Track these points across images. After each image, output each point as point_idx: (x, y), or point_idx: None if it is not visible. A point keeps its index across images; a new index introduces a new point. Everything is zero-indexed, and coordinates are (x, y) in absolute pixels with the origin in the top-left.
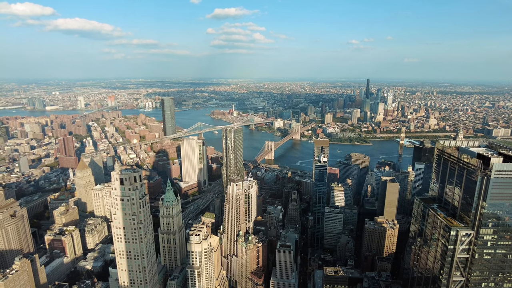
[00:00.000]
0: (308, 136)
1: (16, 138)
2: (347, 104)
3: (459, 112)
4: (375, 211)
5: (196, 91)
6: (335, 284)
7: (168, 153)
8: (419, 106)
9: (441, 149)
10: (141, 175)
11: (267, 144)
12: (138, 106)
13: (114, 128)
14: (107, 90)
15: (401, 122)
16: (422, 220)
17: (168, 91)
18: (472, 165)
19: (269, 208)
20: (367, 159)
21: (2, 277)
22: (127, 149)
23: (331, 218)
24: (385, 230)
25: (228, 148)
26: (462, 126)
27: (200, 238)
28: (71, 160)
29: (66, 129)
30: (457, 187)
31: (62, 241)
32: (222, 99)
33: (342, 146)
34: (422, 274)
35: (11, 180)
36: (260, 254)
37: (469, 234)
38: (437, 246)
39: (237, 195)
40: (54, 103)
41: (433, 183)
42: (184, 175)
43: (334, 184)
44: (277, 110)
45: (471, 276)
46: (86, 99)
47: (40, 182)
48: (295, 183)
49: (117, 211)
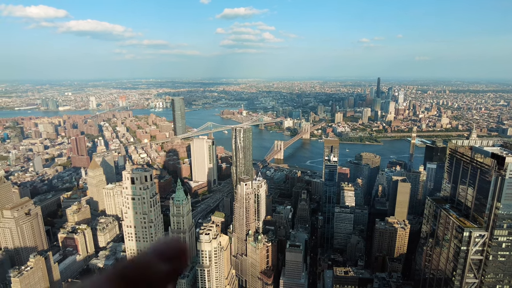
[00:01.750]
0: (318, 136)
1: (30, 138)
2: (357, 103)
3: (472, 110)
4: (386, 211)
5: (206, 91)
6: (345, 284)
7: (178, 152)
8: (430, 105)
9: (453, 149)
10: (151, 174)
11: (277, 144)
12: (148, 106)
13: (125, 128)
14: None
15: (412, 121)
16: (434, 220)
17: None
18: (486, 164)
19: (279, 208)
20: (377, 159)
21: (17, 274)
22: (138, 149)
23: (341, 218)
24: (396, 231)
25: (237, 148)
26: (476, 125)
27: (210, 237)
28: (83, 160)
29: (78, 129)
30: (470, 187)
31: (74, 239)
32: (231, 99)
33: (353, 145)
34: (434, 275)
35: (26, 179)
36: (269, 254)
37: (483, 235)
38: (449, 247)
39: (247, 194)
40: (67, 104)
41: (445, 183)
42: (194, 175)
43: (344, 184)
44: (286, 109)
45: (484, 278)
46: (97, 99)
47: (53, 181)
48: (305, 183)
49: (128, 210)
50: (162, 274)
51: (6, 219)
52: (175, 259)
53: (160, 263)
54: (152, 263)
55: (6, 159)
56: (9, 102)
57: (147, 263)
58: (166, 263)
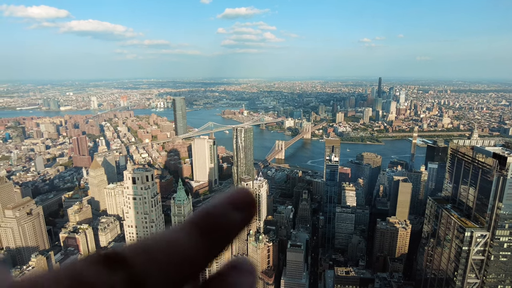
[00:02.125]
0: (319, 136)
1: (32, 138)
2: (358, 103)
3: (474, 110)
4: (387, 211)
5: (207, 91)
6: (346, 284)
7: (179, 152)
8: (432, 104)
9: (455, 149)
10: (152, 174)
11: (278, 144)
12: (150, 106)
13: (126, 128)
14: (120, 90)
15: (413, 121)
16: (435, 220)
17: (180, 91)
18: (488, 164)
19: (280, 208)
20: (379, 159)
21: (19, 273)
22: (139, 149)
23: (342, 218)
24: (397, 231)
25: (238, 148)
26: (477, 125)
27: None
28: (85, 160)
29: (79, 129)
30: (472, 187)
31: (76, 239)
32: (232, 99)
33: (354, 145)
34: (435, 275)
35: (27, 179)
36: (270, 254)
37: (485, 236)
38: (450, 247)
39: None
40: (68, 104)
41: (446, 183)
42: (195, 175)
43: (346, 184)
44: (287, 109)
45: (486, 278)
46: (99, 99)
47: (55, 181)
48: (306, 183)
49: (129, 209)
50: (235, 222)
51: (8, 219)
52: (247, 208)
53: (233, 212)
54: (226, 211)
55: (7, 159)
56: (10, 102)
57: (222, 212)
58: (238, 212)
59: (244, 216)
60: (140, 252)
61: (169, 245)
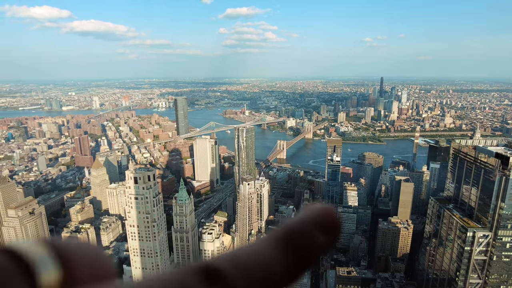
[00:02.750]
0: (321, 135)
1: (34, 138)
2: (360, 103)
3: (476, 110)
4: (389, 211)
5: (208, 91)
6: (348, 284)
7: (181, 152)
8: (434, 104)
9: (457, 148)
10: (154, 174)
11: (279, 143)
12: (151, 106)
13: (128, 128)
14: (121, 90)
15: (415, 120)
16: (437, 220)
17: (181, 91)
18: (490, 164)
19: (281, 208)
20: (381, 159)
21: None
22: (141, 149)
23: (344, 218)
24: (399, 231)
25: (240, 148)
26: (479, 125)
27: (213, 236)
28: (87, 159)
29: (81, 128)
30: (474, 187)
31: (78, 239)
32: (234, 99)
33: (355, 145)
34: (437, 275)
35: (30, 179)
36: None
37: (487, 236)
38: (453, 247)
39: (249, 194)
40: (70, 103)
41: (448, 183)
42: (197, 174)
43: (347, 184)
44: (289, 109)
45: (488, 278)
46: (101, 99)
47: (57, 180)
48: (308, 183)
49: (131, 209)
50: (321, 244)
51: (10, 218)
52: (332, 230)
53: (319, 232)
54: (313, 232)
55: (10, 158)
56: (13, 102)
57: (309, 231)
58: (324, 233)
59: (329, 238)
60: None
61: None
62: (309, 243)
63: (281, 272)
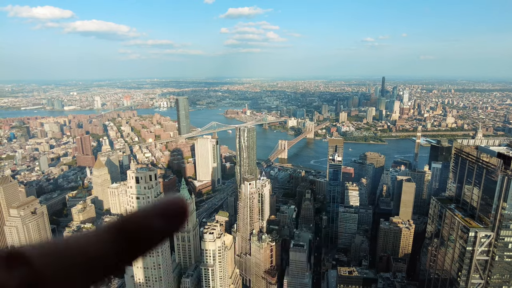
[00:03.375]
0: (322, 135)
1: (36, 138)
2: (362, 103)
3: (478, 110)
4: (390, 211)
5: (210, 91)
6: (349, 284)
7: (182, 152)
8: (436, 104)
9: (459, 148)
10: (156, 173)
11: (280, 143)
12: (153, 106)
13: (129, 128)
14: (123, 90)
15: (417, 120)
16: (439, 220)
17: (183, 91)
18: (492, 164)
19: (283, 207)
20: (382, 158)
21: None
22: (142, 148)
23: (346, 218)
24: (400, 230)
25: (241, 147)
26: (481, 125)
27: (214, 236)
28: (88, 159)
29: (83, 128)
30: (476, 187)
31: None
32: (235, 98)
33: (357, 145)
34: (438, 275)
35: (32, 178)
36: (273, 253)
37: (489, 236)
38: (454, 247)
39: (251, 194)
40: (72, 103)
41: (450, 182)
42: (198, 174)
43: (349, 184)
44: (290, 109)
45: (490, 278)
46: (102, 99)
47: (58, 180)
48: (309, 183)
49: (132, 209)
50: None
51: (12, 218)
52: (174, 216)
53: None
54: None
55: (12, 158)
56: (15, 102)
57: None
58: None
59: (170, 224)
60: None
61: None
62: (144, 230)
63: (108, 257)
